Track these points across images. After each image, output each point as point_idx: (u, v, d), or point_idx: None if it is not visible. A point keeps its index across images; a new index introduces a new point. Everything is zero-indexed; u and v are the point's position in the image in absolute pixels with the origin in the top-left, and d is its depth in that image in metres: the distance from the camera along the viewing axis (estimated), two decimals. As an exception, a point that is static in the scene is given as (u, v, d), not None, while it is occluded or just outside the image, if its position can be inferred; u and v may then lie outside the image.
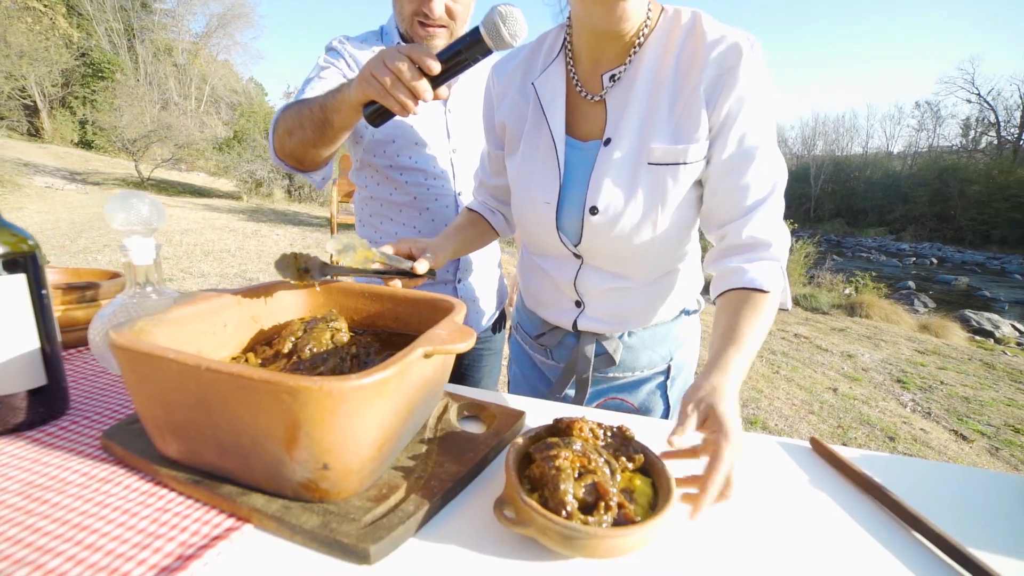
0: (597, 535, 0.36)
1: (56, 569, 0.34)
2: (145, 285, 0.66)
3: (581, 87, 0.69)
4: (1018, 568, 0.41)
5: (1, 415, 0.50)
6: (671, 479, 0.42)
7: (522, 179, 0.73)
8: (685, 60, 0.62)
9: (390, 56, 0.59)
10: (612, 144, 0.65)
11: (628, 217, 0.66)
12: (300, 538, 0.38)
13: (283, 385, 0.34)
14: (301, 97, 0.86)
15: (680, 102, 0.62)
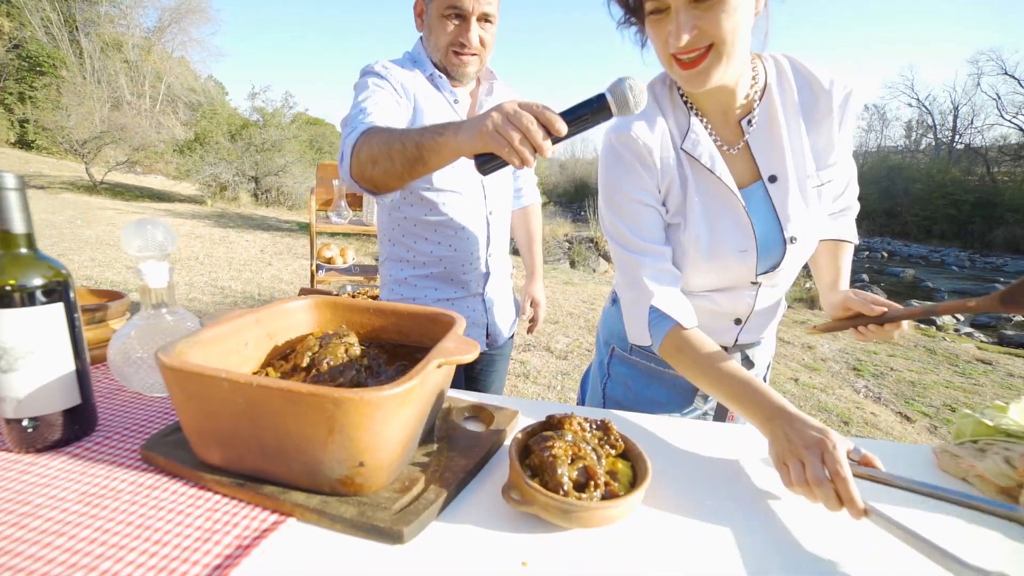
0: (589, 508, 0.44)
1: (131, 565, 0.40)
2: (160, 307, 0.70)
3: (721, 141, 0.76)
4: (922, 517, 0.52)
5: (41, 433, 0.54)
6: (647, 461, 0.51)
7: (707, 236, 0.75)
8: (808, 99, 0.74)
9: (516, 115, 0.58)
10: (780, 180, 0.75)
11: (812, 234, 0.78)
12: (340, 526, 0.45)
13: (329, 396, 0.41)
14: (366, 117, 0.86)
15: (814, 132, 0.75)
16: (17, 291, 0.51)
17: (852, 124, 0.77)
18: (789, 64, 0.76)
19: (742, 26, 0.63)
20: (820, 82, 0.74)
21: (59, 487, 0.49)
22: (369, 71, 1.01)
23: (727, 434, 0.70)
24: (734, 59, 0.65)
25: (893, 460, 0.64)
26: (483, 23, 1.00)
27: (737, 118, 0.76)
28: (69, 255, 5.19)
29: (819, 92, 0.74)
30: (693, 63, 0.65)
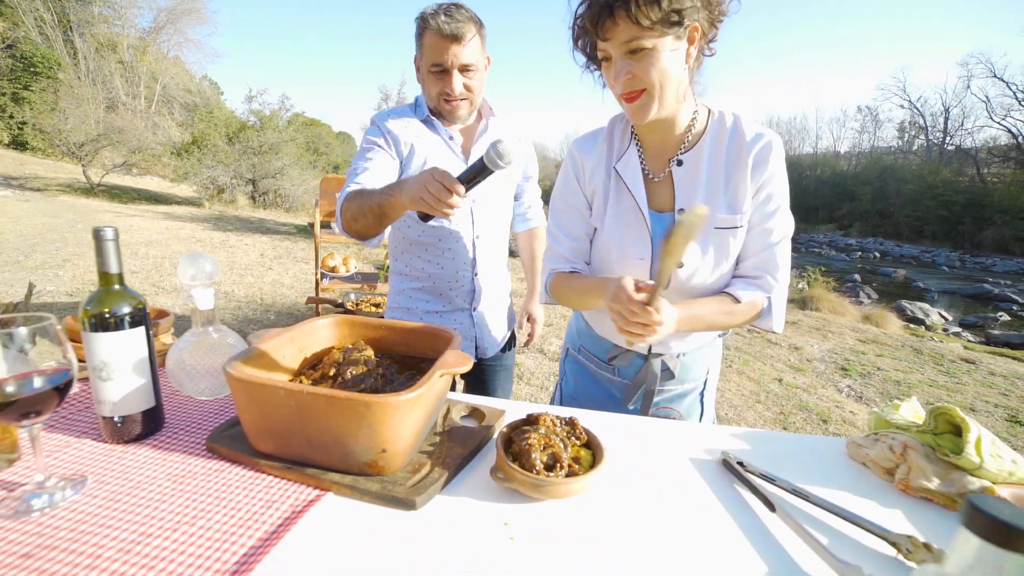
0: (555, 483, 0.58)
1: (219, 523, 0.54)
2: (208, 324, 0.84)
3: (649, 170, 0.92)
4: (841, 497, 0.66)
5: (127, 428, 0.68)
6: (604, 450, 0.65)
7: (616, 241, 0.93)
8: (735, 149, 0.87)
9: (430, 183, 0.85)
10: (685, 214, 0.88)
11: (704, 268, 0.89)
12: (367, 498, 0.59)
13: (361, 400, 0.55)
14: (355, 180, 1.12)
15: (733, 182, 0.86)
16: (112, 318, 0.65)
17: (770, 176, 0.85)
18: (732, 120, 0.89)
19: (670, 74, 0.78)
20: (747, 137, 0.86)
21: (150, 469, 0.63)
22: (373, 124, 1.23)
23: (670, 429, 0.84)
24: (665, 100, 0.80)
25: (814, 450, 0.79)
26: (465, 73, 1.15)
27: (669, 155, 0.91)
28: (75, 260, 5.29)
29: (741, 146, 0.87)
30: (632, 99, 0.80)
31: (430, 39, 1.11)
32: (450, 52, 1.10)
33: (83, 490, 0.58)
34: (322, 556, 0.50)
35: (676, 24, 0.74)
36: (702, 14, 0.77)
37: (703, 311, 0.84)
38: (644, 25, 0.72)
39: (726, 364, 4.15)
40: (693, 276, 0.90)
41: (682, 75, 0.80)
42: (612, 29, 0.74)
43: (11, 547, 0.49)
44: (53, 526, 0.52)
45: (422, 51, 1.15)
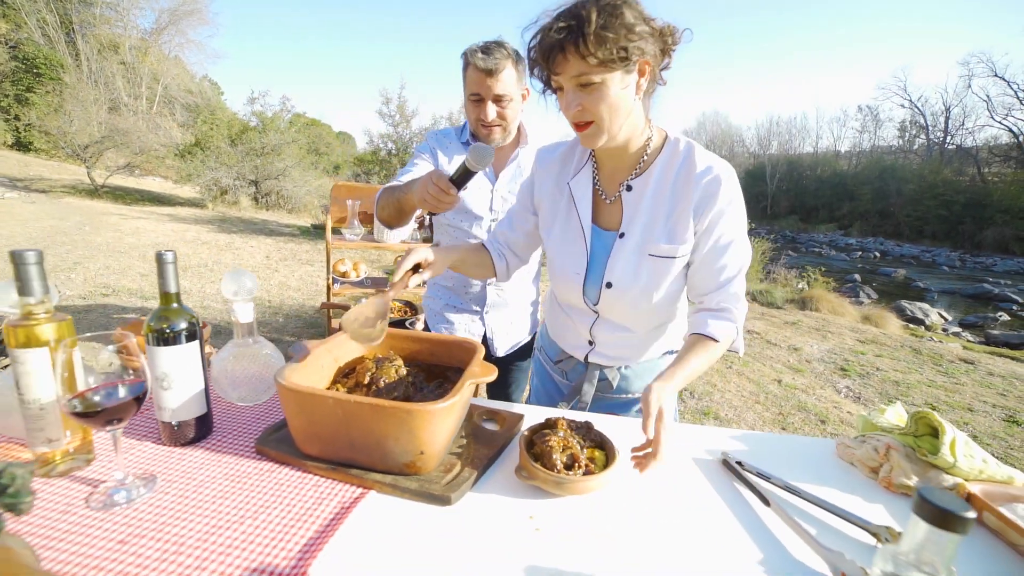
0: (574, 481, 0.65)
1: (278, 517, 0.61)
2: (247, 336, 0.92)
3: (602, 190, 0.96)
4: (829, 493, 0.73)
5: (183, 432, 0.76)
6: (617, 451, 0.72)
7: (559, 253, 0.99)
8: (681, 182, 0.88)
9: (429, 186, 0.96)
10: (626, 237, 0.91)
11: (633, 291, 0.92)
12: (407, 495, 0.66)
13: (403, 408, 0.62)
14: (399, 179, 1.28)
15: (675, 213, 0.88)
16: (171, 333, 0.72)
17: (720, 212, 0.85)
18: (685, 149, 0.89)
19: (619, 107, 0.80)
20: (695, 170, 0.87)
21: (208, 470, 0.70)
22: (424, 141, 1.41)
23: (676, 432, 0.91)
24: (614, 131, 0.83)
25: (807, 451, 0.86)
26: (499, 102, 1.27)
27: (621, 178, 0.94)
28: (85, 263, 5.37)
29: (689, 177, 0.87)
30: (581, 129, 0.83)
31: (470, 72, 1.24)
32: (485, 84, 1.22)
33: (154, 487, 0.65)
34: (371, 547, 0.58)
35: (623, 60, 0.76)
36: (653, 47, 0.78)
37: (695, 366, 0.82)
38: (592, 63, 0.75)
39: (725, 365, 4.22)
40: (622, 296, 0.93)
41: (632, 106, 0.82)
42: (563, 64, 0.77)
43: (108, 534, 0.56)
44: (137, 518, 0.60)
45: (465, 83, 1.28)
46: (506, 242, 1.09)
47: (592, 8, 0.73)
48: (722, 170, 0.87)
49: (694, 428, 0.92)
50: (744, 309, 0.90)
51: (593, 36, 0.73)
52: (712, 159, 0.88)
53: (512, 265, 1.10)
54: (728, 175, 0.87)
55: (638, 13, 0.76)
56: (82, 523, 0.58)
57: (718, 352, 0.87)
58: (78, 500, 0.62)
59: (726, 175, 0.87)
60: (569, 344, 1.10)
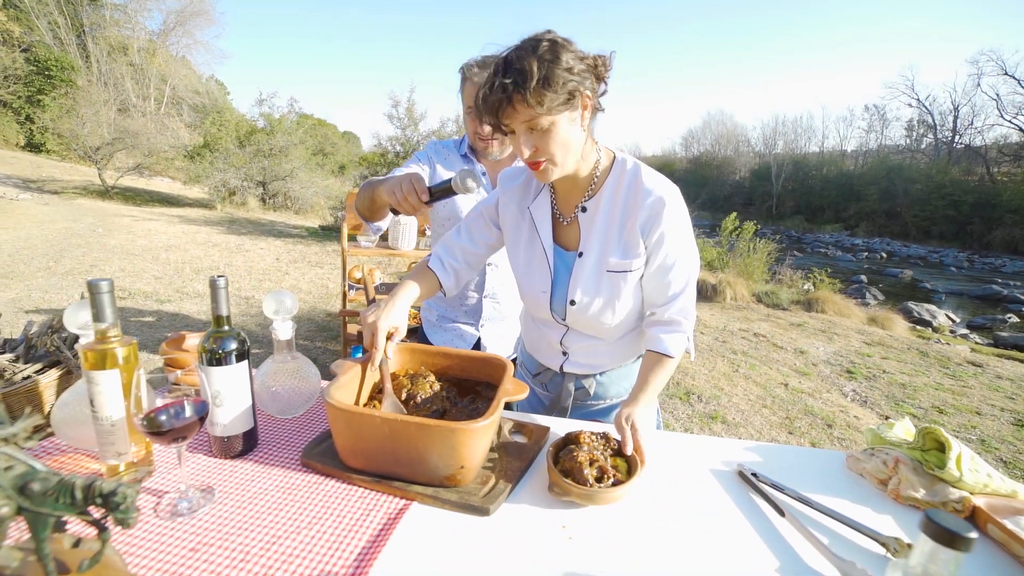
0: (606, 492, 0.70)
1: (331, 528, 0.66)
2: (287, 352, 0.97)
3: (560, 213, 1.01)
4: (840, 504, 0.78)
5: (232, 445, 0.81)
6: (638, 461, 0.77)
7: (525, 273, 1.05)
8: (630, 201, 0.93)
9: (404, 183, 1.02)
10: (584, 256, 0.97)
11: (595, 306, 0.98)
12: (448, 506, 0.71)
13: (448, 427, 0.68)
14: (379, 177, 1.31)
15: (626, 230, 0.93)
16: (223, 353, 0.77)
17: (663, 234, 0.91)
18: (632, 169, 0.94)
19: (570, 143, 0.85)
20: (641, 191, 0.91)
21: (260, 482, 0.76)
22: (423, 149, 1.44)
23: (692, 444, 0.96)
24: (566, 165, 0.88)
25: (818, 463, 0.91)
26: None
27: (575, 201, 0.98)
28: (101, 266, 5.47)
29: (636, 196, 0.92)
30: (535, 167, 0.87)
31: (467, 87, 1.28)
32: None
33: (213, 499, 0.71)
34: (418, 555, 0.63)
35: (569, 100, 0.80)
36: (589, 81, 0.82)
37: (654, 384, 0.93)
38: (540, 111, 0.78)
39: (732, 368, 4.26)
40: (586, 311, 0.98)
41: (580, 138, 0.87)
42: (511, 115, 0.81)
43: (180, 541, 0.62)
44: (203, 527, 0.65)
45: (463, 96, 1.32)
46: (462, 255, 1.09)
47: (532, 60, 0.77)
48: (665, 192, 0.91)
49: (711, 440, 0.97)
50: (692, 318, 0.98)
51: (537, 87, 0.76)
52: (656, 181, 0.93)
53: (462, 277, 1.11)
54: (671, 197, 0.91)
55: (573, 54, 0.80)
56: (155, 531, 0.64)
57: (674, 364, 0.96)
58: (147, 509, 0.68)
59: (669, 197, 0.91)
60: (544, 356, 1.15)
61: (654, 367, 0.94)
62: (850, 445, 3.00)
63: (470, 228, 1.11)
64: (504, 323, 1.49)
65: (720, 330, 5.46)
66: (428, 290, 1.06)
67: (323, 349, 3.78)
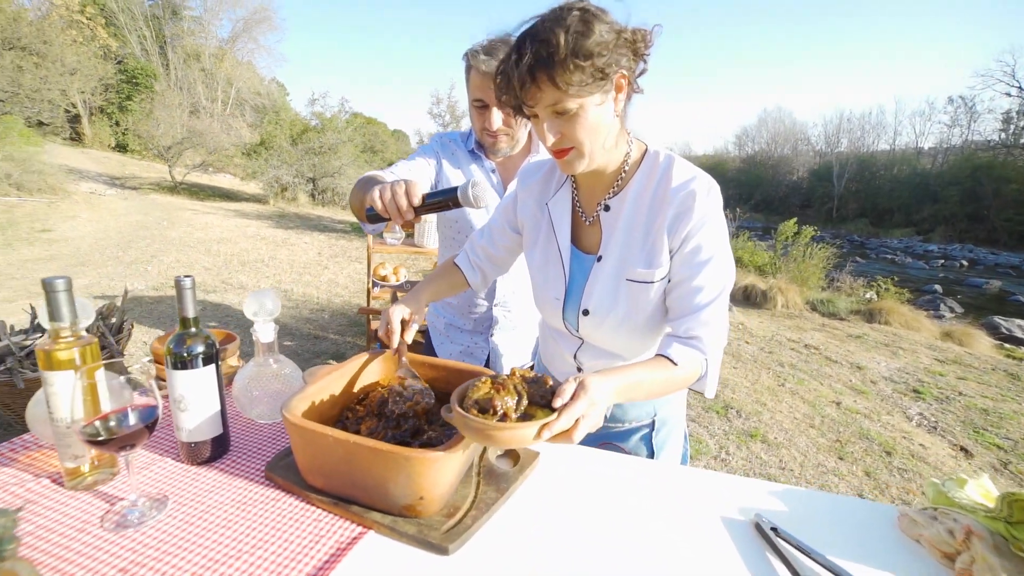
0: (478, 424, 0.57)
1: (275, 554, 0.60)
2: (268, 356, 0.93)
3: (582, 211, 0.92)
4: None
5: (200, 451, 0.78)
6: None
7: (540, 277, 0.96)
8: (657, 200, 0.82)
9: (396, 184, 0.86)
10: (603, 260, 0.86)
11: (612, 318, 0.86)
12: (404, 539, 0.64)
13: (402, 454, 0.60)
14: (392, 169, 1.21)
15: (651, 234, 0.82)
16: (189, 357, 0.74)
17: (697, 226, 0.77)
18: (664, 163, 0.82)
19: (599, 130, 0.74)
20: (671, 186, 0.79)
21: (218, 494, 0.71)
22: (429, 143, 1.34)
23: (703, 480, 0.83)
24: (595, 155, 0.77)
25: (860, 518, 0.75)
26: (505, 109, 1.14)
27: (599, 198, 0.87)
28: (160, 256, 5.88)
29: (665, 193, 0.80)
30: (560, 155, 0.77)
31: (473, 76, 1.16)
32: (489, 88, 1.13)
33: (164, 509, 0.67)
34: (362, 597, 0.55)
35: (601, 80, 0.70)
36: (626, 57, 0.71)
37: (641, 377, 0.71)
38: (568, 91, 0.69)
39: (778, 383, 3.94)
40: (601, 323, 0.88)
41: (611, 124, 0.76)
42: (536, 95, 0.71)
43: (112, 559, 0.58)
44: (143, 543, 0.61)
45: (468, 87, 1.20)
46: (485, 255, 1.05)
47: (559, 32, 0.66)
48: (700, 184, 0.79)
49: (722, 478, 0.83)
50: (719, 341, 0.80)
51: (565, 62, 0.66)
52: (691, 172, 0.81)
53: (489, 275, 1.07)
54: (706, 189, 0.79)
55: (608, 25, 0.69)
56: (92, 544, 0.60)
57: (675, 378, 0.76)
58: (94, 519, 0.65)
59: (703, 189, 0.79)
60: (557, 370, 1.05)
61: (651, 365, 0.74)
62: (913, 479, 2.66)
63: (491, 231, 1.05)
64: (516, 332, 1.40)
65: (767, 339, 5.09)
66: (453, 285, 1.04)
67: (352, 344, 3.84)
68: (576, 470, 0.84)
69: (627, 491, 0.79)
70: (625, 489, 0.79)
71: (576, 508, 0.74)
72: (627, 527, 0.65)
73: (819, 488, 2.49)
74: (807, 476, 2.59)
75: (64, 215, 7.99)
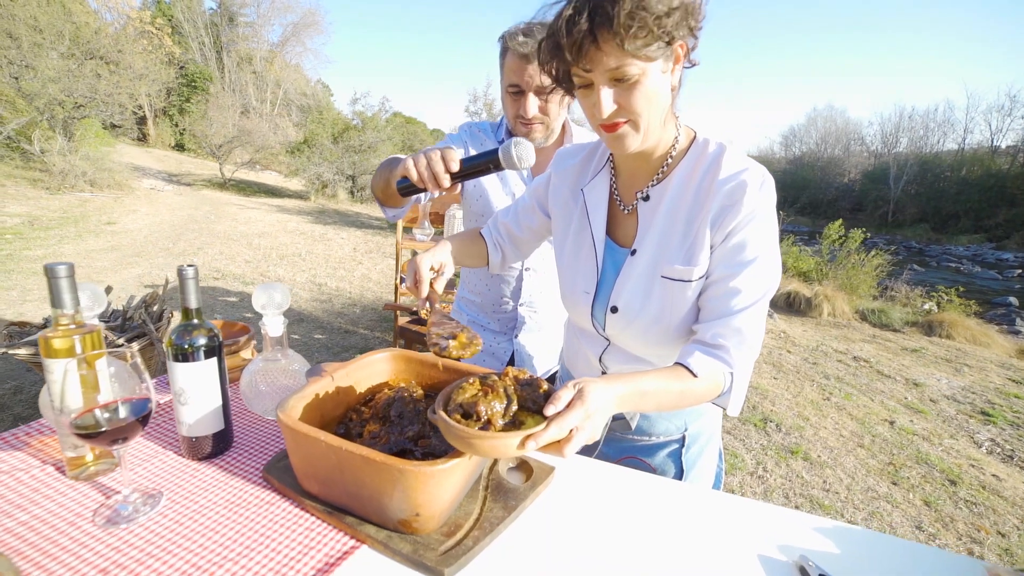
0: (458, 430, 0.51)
1: (262, 564, 0.56)
2: (276, 349, 0.90)
3: (619, 199, 0.83)
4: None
5: (200, 446, 0.75)
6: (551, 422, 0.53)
7: (570, 269, 0.88)
8: (703, 191, 0.73)
9: (431, 152, 0.82)
10: (637, 255, 0.79)
11: (642, 318, 0.79)
12: (398, 558, 0.58)
13: (395, 466, 0.54)
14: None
15: (693, 228, 0.74)
16: (190, 349, 0.71)
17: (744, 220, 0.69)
18: (715, 152, 0.74)
19: (658, 102, 0.68)
20: (719, 174, 0.71)
21: (213, 492, 0.68)
22: (458, 131, 1.30)
23: (740, 510, 0.73)
24: (650, 131, 0.70)
25: (931, 568, 0.64)
26: (541, 95, 1.10)
27: (639, 186, 0.80)
28: (206, 248, 6.17)
29: (711, 184, 0.72)
30: (612, 129, 0.69)
31: (509, 60, 1.10)
32: (527, 73, 1.07)
33: (158, 506, 0.64)
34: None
35: (667, 45, 0.64)
36: (686, 24, 0.65)
37: (651, 386, 0.64)
38: (636, 53, 0.62)
39: (822, 396, 3.68)
40: (630, 323, 0.80)
41: (667, 99, 0.70)
42: (595, 57, 0.64)
43: (95, 558, 0.56)
44: (129, 542, 0.58)
45: (503, 72, 1.14)
46: (507, 234, 1.00)
47: None
48: (752, 175, 0.71)
49: (762, 508, 0.73)
50: (750, 352, 0.71)
51: (633, 19, 0.60)
52: (743, 163, 0.73)
53: (509, 258, 1.02)
54: (759, 182, 0.71)
55: None
56: (79, 540, 0.58)
57: (692, 392, 0.68)
58: (87, 511, 0.63)
59: (756, 181, 0.70)
60: (580, 373, 0.97)
61: (664, 371, 0.68)
62: (985, 515, 2.39)
63: (517, 210, 1.00)
64: (542, 333, 1.33)
65: (811, 349, 4.78)
66: (473, 256, 1.00)
67: (380, 340, 3.88)
68: (594, 488, 0.76)
69: (651, 516, 0.70)
70: (649, 514, 0.71)
71: (592, 533, 0.66)
72: (648, 559, 0.57)
73: (869, 515, 2.28)
74: (855, 501, 2.38)
75: (127, 209, 8.55)
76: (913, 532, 2.19)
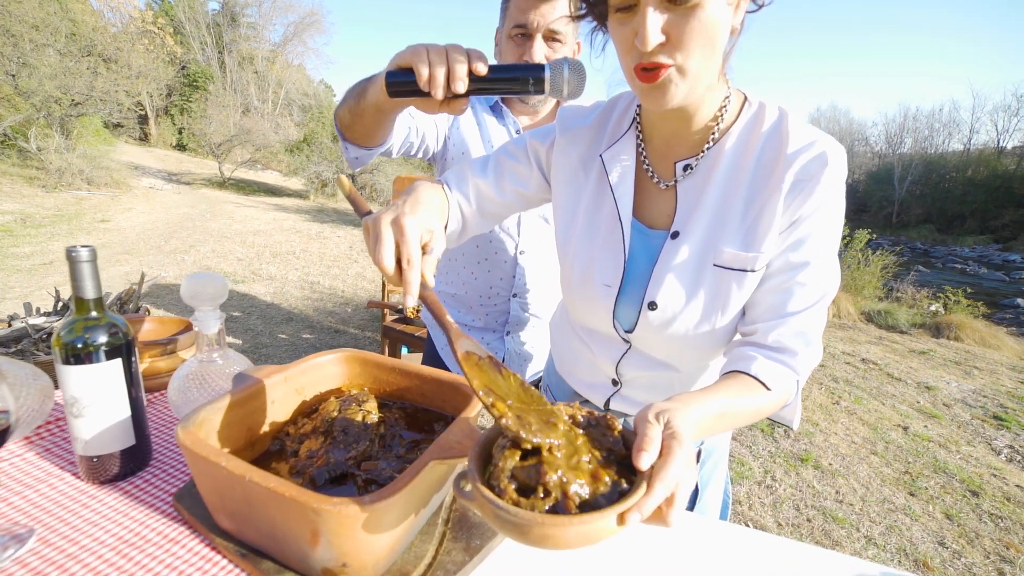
0: (523, 520, 0.33)
1: (135, 633, 0.43)
2: (212, 350, 0.77)
3: (651, 170, 0.68)
4: None
5: (104, 467, 0.62)
6: (645, 484, 0.36)
7: (582, 256, 0.71)
8: (767, 163, 0.60)
9: (452, 46, 0.59)
10: (680, 238, 0.64)
11: (687, 317, 0.65)
12: (321, 623, 0.45)
13: (309, 504, 0.41)
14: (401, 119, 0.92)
15: (755, 206, 0.61)
16: (84, 350, 0.58)
17: (817, 206, 0.58)
18: (776, 119, 0.61)
19: (715, 43, 0.53)
20: (787, 145, 0.59)
21: (103, 528, 0.55)
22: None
23: (758, 544, 0.59)
24: (700, 81, 0.55)
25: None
26: (550, 42, 0.95)
27: (678, 156, 0.65)
28: (198, 246, 6.05)
29: (778, 156, 0.59)
30: (652, 76, 0.53)
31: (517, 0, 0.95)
32: (537, 12, 0.93)
33: (21, 548, 0.51)
34: None
35: None
36: None
37: (727, 406, 0.51)
38: None
39: (831, 400, 3.53)
40: (671, 322, 0.66)
41: (725, 43, 0.55)
42: None
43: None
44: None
45: (506, 15, 0.99)
46: (476, 196, 0.73)
47: None
48: (832, 149, 0.59)
49: (781, 545, 0.60)
50: (813, 359, 0.61)
51: None
52: (813, 132, 0.60)
53: (468, 229, 0.75)
54: (838, 158, 0.59)
55: None
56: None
57: (765, 407, 0.58)
58: (-64, 556, 0.50)
59: (836, 156, 0.58)
60: (584, 383, 0.82)
61: (734, 386, 0.55)
62: (1013, 531, 2.23)
63: (499, 163, 0.75)
64: (535, 331, 1.17)
65: (819, 353, 4.62)
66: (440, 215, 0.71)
67: (372, 340, 3.75)
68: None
69: (652, 556, 0.56)
70: (650, 553, 0.57)
71: (576, 583, 0.52)
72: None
73: (887, 529, 2.13)
74: (871, 514, 2.23)
75: (123, 207, 8.44)
76: (936, 549, 2.04)
